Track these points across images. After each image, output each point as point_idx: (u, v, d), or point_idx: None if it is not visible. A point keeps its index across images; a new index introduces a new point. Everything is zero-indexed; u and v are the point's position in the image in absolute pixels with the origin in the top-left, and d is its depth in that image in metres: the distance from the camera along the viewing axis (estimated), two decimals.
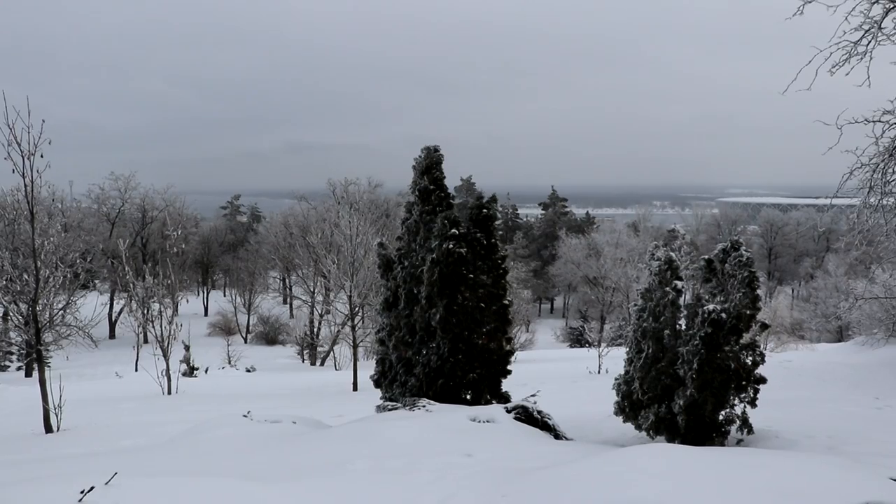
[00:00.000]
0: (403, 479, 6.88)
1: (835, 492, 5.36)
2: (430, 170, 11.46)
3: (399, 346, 11.41)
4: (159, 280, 22.88)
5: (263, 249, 66.32)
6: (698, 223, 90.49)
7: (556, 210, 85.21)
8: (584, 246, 67.47)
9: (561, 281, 72.36)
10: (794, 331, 42.57)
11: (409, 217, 11.69)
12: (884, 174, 16.95)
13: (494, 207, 11.37)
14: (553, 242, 76.64)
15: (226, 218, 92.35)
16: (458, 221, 11.02)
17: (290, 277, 64.34)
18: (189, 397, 20.25)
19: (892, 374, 17.43)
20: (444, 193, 11.45)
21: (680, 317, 9.20)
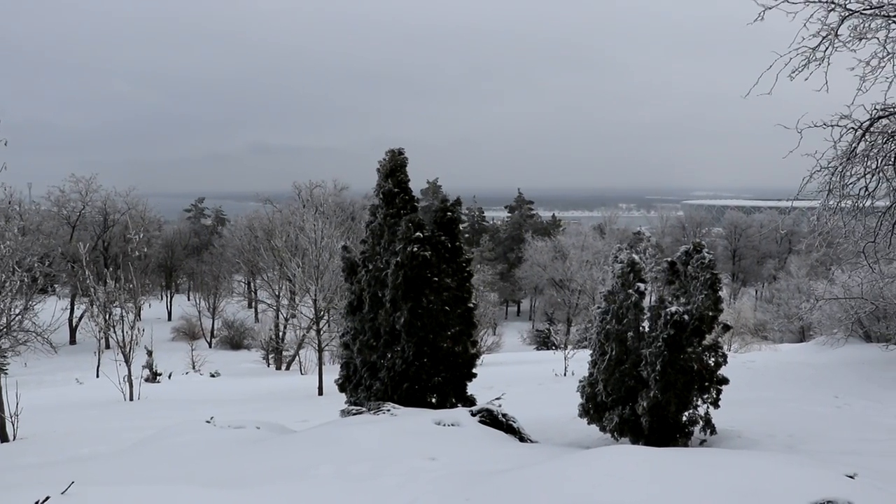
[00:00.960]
0: (368, 483, 6.83)
1: (793, 490, 5.41)
2: (394, 173, 11.41)
3: (363, 350, 11.34)
4: (121, 284, 22.57)
5: (228, 253, 65.63)
6: (663, 225, 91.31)
7: (522, 213, 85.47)
8: (550, 248, 67.73)
9: (527, 283, 72.57)
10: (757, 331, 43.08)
11: (373, 220, 11.63)
12: (842, 177, 17.21)
13: (458, 210, 11.36)
14: (519, 245, 76.85)
15: (190, 221, 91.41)
16: (423, 224, 10.98)
17: (255, 281, 63.80)
18: (151, 403, 19.99)
19: (851, 373, 17.70)
20: (408, 196, 11.41)
21: (643, 319, 9.25)
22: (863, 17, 15.99)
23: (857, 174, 17.26)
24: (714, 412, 9.40)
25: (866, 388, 15.26)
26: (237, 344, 54.39)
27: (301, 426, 11.38)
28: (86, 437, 13.06)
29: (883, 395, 13.76)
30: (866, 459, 7.73)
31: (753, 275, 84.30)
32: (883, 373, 16.80)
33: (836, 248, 20.56)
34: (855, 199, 17.60)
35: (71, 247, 48.73)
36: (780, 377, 18.45)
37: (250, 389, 24.90)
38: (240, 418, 11.27)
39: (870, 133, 16.59)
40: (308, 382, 26.20)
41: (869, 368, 17.97)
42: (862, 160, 16.99)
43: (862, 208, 17.69)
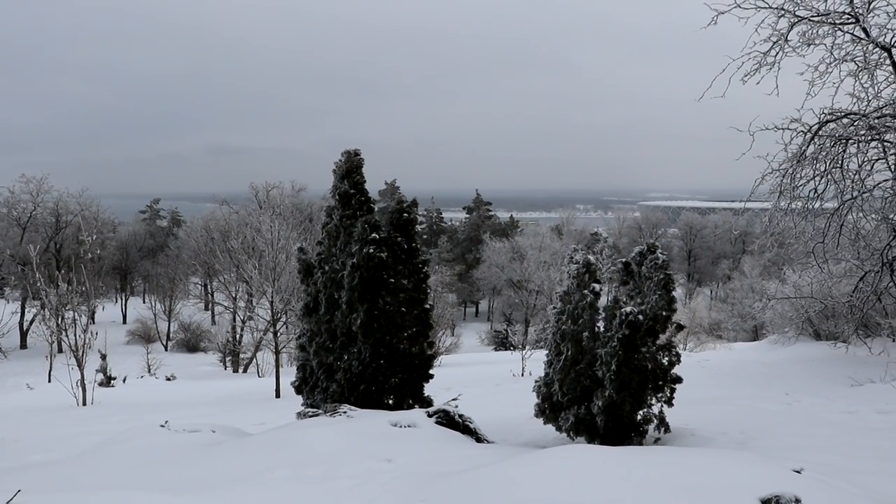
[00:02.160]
0: (323, 486, 6.81)
1: (742, 486, 5.52)
2: (350, 174, 11.38)
3: (320, 352, 11.28)
4: (73, 287, 22.17)
5: (184, 255, 64.91)
6: (620, 226, 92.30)
7: (480, 214, 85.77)
8: (508, 249, 68.11)
9: (485, 284, 72.87)
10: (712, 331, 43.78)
11: (329, 221, 11.58)
12: (792, 179, 17.58)
13: (415, 211, 11.36)
14: (477, 246, 77.16)
15: (145, 222, 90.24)
16: (379, 226, 10.97)
17: (212, 283, 63.15)
18: (105, 408, 19.66)
19: (801, 371, 18.06)
20: (364, 197, 11.38)
21: (598, 319, 9.33)
22: (811, 23, 16.40)
23: (807, 176, 17.68)
24: (669, 411, 9.50)
25: (815, 384, 15.58)
26: (194, 347, 53.81)
27: (258, 429, 11.29)
28: (36, 444, 12.78)
29: (831, 392, 14.04)
30: (813, 454, 7.89)
31: (708, 275, 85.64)
32: (831, 369, 17.17)
33: (788, 249, 20.98)
34: (805, 200, 18.02)
35: (21, 249, 47.70)
36: (733, 375, 18.76)
37: (207, 392, 24.63)
38: (195, 422, 11.13)
39: (818, 136, 16.99)
40: (265, 385, 26.01)
41: (818, 366, 18.35)
42: (811, 163, 17.40)
43: (811, 210, 18.11)
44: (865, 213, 18.19)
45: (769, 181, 17.79)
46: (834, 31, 16.43)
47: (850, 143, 17.11)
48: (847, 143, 17.11)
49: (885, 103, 16.55)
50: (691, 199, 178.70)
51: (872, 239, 18.44)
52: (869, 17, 15.79)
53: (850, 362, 17.69)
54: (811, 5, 16.24)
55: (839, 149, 17.21)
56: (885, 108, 16.43)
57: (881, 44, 15.83)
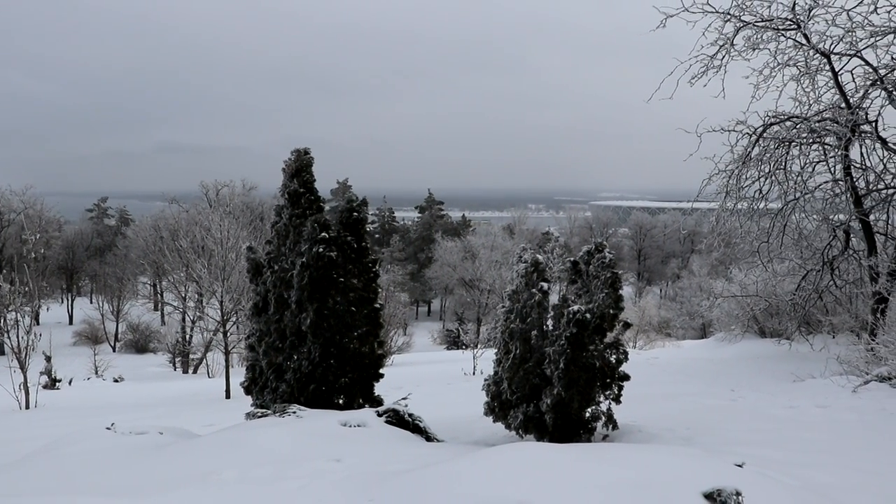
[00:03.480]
0: (271, 487, 6.76)
1: (686, 481, 5.63)
2: (300, 172, 11.31)
3: (269, 352, 11.20)
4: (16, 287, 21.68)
5: (132, 254, 63.87)
6: (572, 226, 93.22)
7: (432, 213, 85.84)
8: (460, 249, 68.33)
9: (437, 284, 73.02)
10: (661, 329, 44.47)
11: (278, 220, 11.50)
12: (738, 180, 17.97)
13: (365, 210, 11.35)
14: (429, 245, 77.23)
15: (92, 221, 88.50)
16: (329, 225, 10.93)
17: (161, 283, 62.24)
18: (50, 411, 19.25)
19: (747, 367, 18.42)
20: (314, 196, 11.32)
21: (547, 317, 9.41)
22: (756, 28, 16.78)
23: (752, 177, 18.11)
24: (617, 408, 9.63)
25: (760, 381, 15.91)
26: (143, 347, 53.02)
27: (207, 430, 11.15)
28: None
29: (774, 388, 14.35)
30: (755, 449, 8.08)
31: (658, 274, 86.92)
32: (775, 366, 17.55)
33: (734, 248, 21.42)
34: (750, 201, 18.45)
35: None
36: (681, 372, 19.06)
37: (156, 394, 24.30)
38: (142, 424, 10.96)
39: (763, 138, 17.41)
40: (215, 385, 25.73)
41: (763, 362, 18.74)
42: (756, 164, 17.81)
43: (756, 210, 18.53)
44: (807, 214, 18.66)
45: (716, 182, 18.18)
46: (777, 36, 16.83)
47: (792, 145, 17.54)
48: (790, 146, 17.54)
49: (825, 107, 17.01)
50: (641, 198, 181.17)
51: (814, 239, 18.92)
52: (810, 24, 16.21)
53: (792, 359, 18.10)
54: (756, 11, 16.62)
55: (783, 151, 17.63)
56: (826, 112, 16.89)
57: (821, 50, 16.26)
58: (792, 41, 16.76)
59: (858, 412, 10.63)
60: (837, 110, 16.60)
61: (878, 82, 16.19)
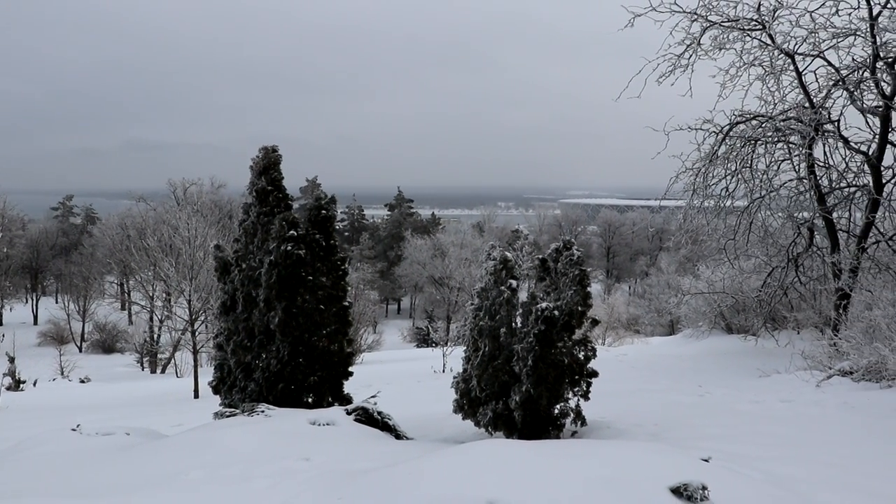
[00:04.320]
0: (240, 486, 6.72)
1: (652, 476, 5.68)
2: (267, 170, 11.25)
3: (238, 351, 11.13)
4: None
5: (99, 253, 63.07)
6: (541, 223, 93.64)
7: (401, 211, 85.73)
8: (429, 246, 68.33)
9: (407, 281, 73.00)
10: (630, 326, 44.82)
11: (246, 219, 11.43)
12: (705, 178, 18.17)
13: (333, 208, 11.29)
14: (399, 243, 77.13)
15: (57, 220, 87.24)
16: (297, 223, 10.88)
17: (129, 282, 61.53)
18: (13, 413, 18.98)
19: (714, 363, 18.64)
20: (282, 194, 11.27)
21: (516, 315, 9.45)
22: (722, 28, 16.98)
23: (719, 175, 18.32)
24: (586, 404, 9.69)
25: (726, 376, 16.11)
26: (110, 348, 52.40)
27: (175, 430, 11.07)
28: None
29: (740, 383, 14.53)
30: (721, 443, 8.18)
31: (627, 271, 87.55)
32: (741, 362, 17.77)
33: (702, 246, 21.64)
34: (717, 199, 18.65)
35: None
36: (649, 369, 19.23)
37: (123, 394, 24.06)
38: (109, 425, 10.86)
39: (729, 137, 17.61)
40: (184, 385, 25.55)
41: (729, 358, 18.97)
42: (723, 162, 18.03)
43: (723, 208, 18.75)
44: (773, 212, 18.92)
45: (683, 180, 18.37)
46: (743, 36, 17.04)
47: (758, 143, 17.77)
48: (756, 144, 17.77)
49: (789, 107, 17.25)
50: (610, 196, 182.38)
51: (779, 236, 19.17)
52: (774, 25, 16.43)
53: (758, 354, 18.35)
54: (722, 11, 16.80)
55: (749, 149, 17.85)
56: (790, 112, 17.13)
57: (785, 50, 16.48)
58: (757, 41, 16.98)
59: (821, 406, 10.80)
60: (801, 110, 16.84)
61: (839, 83, 16.46)
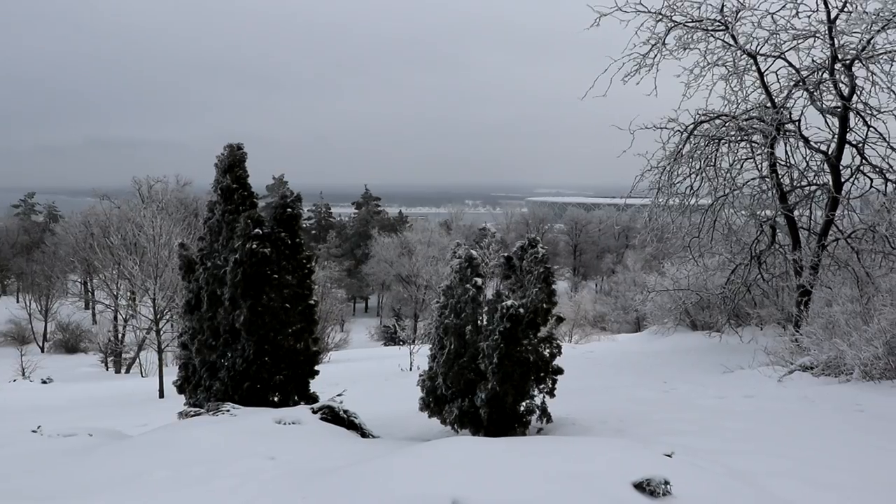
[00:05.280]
0: (204, 486, 6.69)
1: (616, 471, 5.75)
2: (232, 168, 11.17)
3: (202, 350, 11.04)
4: None
5: (61, 251, 62.13)
6: (508, 222, 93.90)
7: (369, 209, 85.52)
8: (396, 245, 68.29)
9: (374, 280, 72.90)
10: (596, 323, 45.12)
11: (211, 217, 11.34)
12: (670, 176, 18.35)
13: (298, 206, 11.25)
14: (366, 241, 76.95)
15: (18, 217, 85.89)
16: (262, 221, 10.82)
17: (92, 281, 60.69)
18: None
19: (679, 360, 18.82)
20: (247, 192, 11.20)
21: (481, 313, 9.49)
22: (686, 28, 17.16)
23: (684, 174, 18.51)
24: (552, 401, 9.75)
25: (691, 372, 16.28)
26: (73, 347, 51.63)
27: (140, 431, 10.96)
28: None
29: (705, 379, 14.71)
30: (685, 439, 8.28)
31: (593, 269, 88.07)
32: (706, 358, 17.96)
33: (667, 243, 21.85)
34: (682, 197, 18.85)
35: None
36: (616, 366, 19.38)
37: (86, 395, 23.74)
38: (71, 426, 10.72)
39: (694, 136, 17.80)
40: (149, 385, 25.27)
41: (694, 354, 19.17)
42: (687, 161, 18.23)
43: (688, 206, 18.95)
44: (736, 210, 19.16)
45: (648, 178, 18.53)
46: (707, 36, 17.23)
47: (722, 142, 17.99)
48: (719, 143, 17.99)
49: (752, 106, 17.49)
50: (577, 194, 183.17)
51: (743, 234, 19.42)
52: (737, 26, 16.65)
53: (722, 350, 18.55)
54: (686, 11, 16.98)
55: (712, 148, 18.07)
56: (753, 111, 17.37)
57: (748, 51, 16.71)
58: (721, 42, 17.18)
59: (782, 401, 10.98)
60: (764, 109, 17.07)
61: (800, 83, 16.73)
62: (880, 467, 7.08)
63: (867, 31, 15.38)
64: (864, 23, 15.15)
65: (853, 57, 16.03)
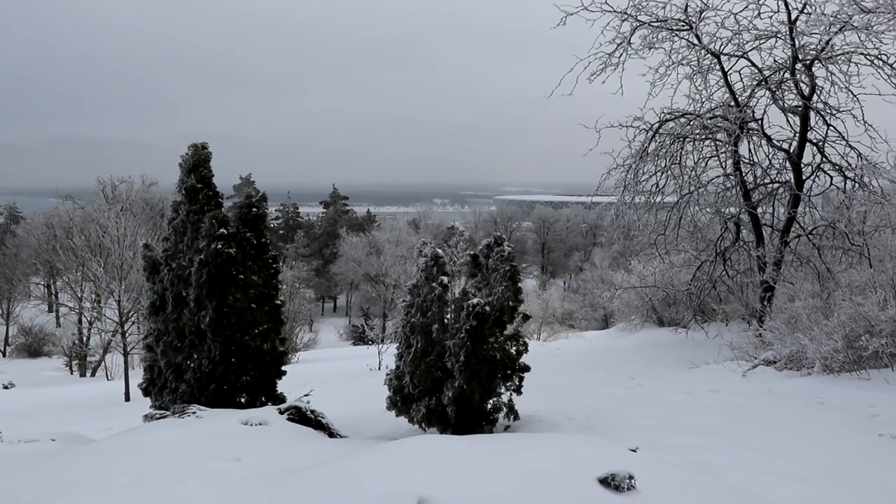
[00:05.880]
0: (169, 490, 6.61)
1: (582, 467, 5.79)
2: (197, 168, 11.06)
3: (168, 352, 10.93)
4: None
5: (23, 253, 61.08)
6: (477, 220, 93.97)
7: (337, 208, 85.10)
8: (365, 244, 68.09)
9: (343, 279, 72.60)
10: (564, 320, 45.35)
11: (175, 217, 11.22)
12: (636, 174, 18.53)
13: (264, 206, 11.18)
14: (334, 241, 76.59)
15: None
16: (227, 221, 10.73)
17: (55, 283, 59.75)
18: None
19: (646, 356, 19.00)
20: (212, 192, 11.09)
21: (447, 311, 9.51)
22: (651, 28, 17.33)
23: (649, 172, 18.70)
24: (519, 398, 9.80)
25: (658, 368, 16.45)
26: (36, 351, 50.77)
27: (104, 435, 10.81)
28: None
29: (671, 375, 14.87)
30: (650, 434, 8.37)
31: (561, 267, 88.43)
32: (672, 354, 18.14)
33: (634, 241, 22.07)
34: (647, 194, 19.04)
35: None
36: (583, 363, 19.51)
37: (50, 399, 23.35)
38: (33, 431, 10.54)
39: (659, 134, 17.99)
40: (114, 388, 24.97)
41: (661, 350, 19.37)
42: (653, 159, 18.42)
43: (654, 203, 19.15)
44: (701, 207, 19.41)
45: (615, 176, 18.72)
46: (672, 36, 17.42)
47: (687, 141, 18.21)
48: (684, 141, 18.20)
49: (716, 105, 17.73)
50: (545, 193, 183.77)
51: (708, 231, 19.68)
52: (701, 26, 16.86)
53: (689, 346, 18.75)
54: (651, 11, 17.16)
55: (678, 146, 18.28)
56: (717, 110, 17.60)
57: (711, 50, 16.93)
58: (685, 41, 17.38)
59: (746, 395, 11.15)
60: (727, 108, 17.31)
61: (762, 83, 16.99)
62: (839, 458, 7.22)
63: (826, 33, 15.66)
64: (823, 24, 15.43)
65: (813, 57, 16.31)
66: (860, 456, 7.31)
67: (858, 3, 12.67)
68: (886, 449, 7.57)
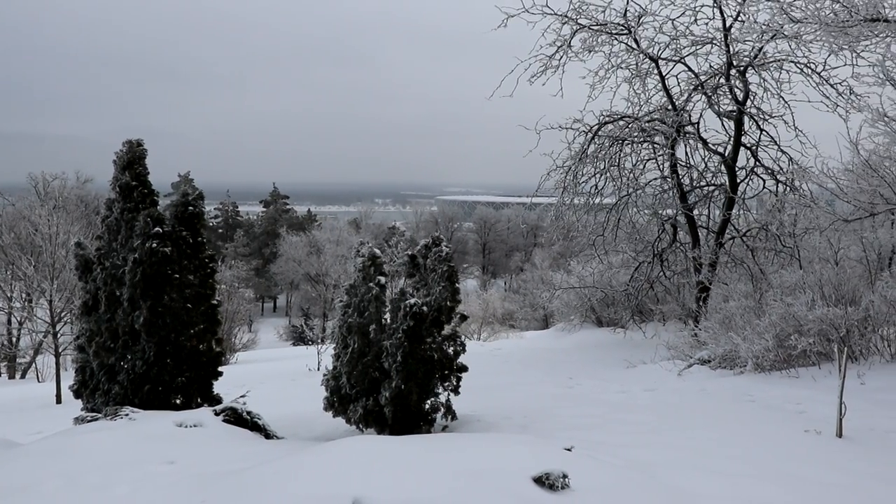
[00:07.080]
0: (100, 494, 6.46)
1: (517, 466, 5.83)
2: (132, 165, 10.81)
3: (100, 353, 10.66)
4: None
5: None
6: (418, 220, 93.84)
7: (277, 207, 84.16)
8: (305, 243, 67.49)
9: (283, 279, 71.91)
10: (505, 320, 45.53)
11: (109, 215, 10.95)
12: (575, 176, 18.74)
13: (201, 205, 10.99)
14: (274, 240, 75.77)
15: None
16: (163, 219, 10.53)
17: None
18: None
19: (584, 356, 19.21)
20: (147, 190, 10.85)
21: (385, 311, 9.49)
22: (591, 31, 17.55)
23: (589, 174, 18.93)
24: (458, 399, 9.82)
25: (596, 368, 16.65)
26: None
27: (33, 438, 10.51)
28: None
29: (609, 375, 15.06)
30: (586, 433, 8.48)
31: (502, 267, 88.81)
32: (610, 353, 18.39)
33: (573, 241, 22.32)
34: (587, 196, 19.29)
35: None
36: (523, 363, 19.63)
37: None
38: None
39: (598, 136, 18.22)
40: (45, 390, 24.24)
41: (599, 350, 19.61)
42: (592, 161, 18.64)
43: (593, 205, 19.40)
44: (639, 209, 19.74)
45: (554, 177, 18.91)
46: (611, 40, 17.68)
47: (625, 143, 18.49)
48: (623, 144, 18.48)
49: (654, 108, 18.05)
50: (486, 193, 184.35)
51: (646, 232, 20.02)
52: (640, 30, 17.15)
53: (626, 346, 19.04)
54: (592, 15, 17.38)
55: (616, 148, 18.55)
56: (655, 113, 17.92)
57: (650, 55, 17.23)
58: (624, 45, 17.66)
59: (681, 394, 11.37)
60: (665, 112, 17.65)
61: (699, 87, 17.37)
62: (767, 453, 7.41)
63: (759, 40, 16.08)
64: (756, 32, 15.83)
65: (747, 64, 16.73)
66: (787, 451, 7.51)
67: (788, 13, 13.05)
68: (812, 444, 7.80)
